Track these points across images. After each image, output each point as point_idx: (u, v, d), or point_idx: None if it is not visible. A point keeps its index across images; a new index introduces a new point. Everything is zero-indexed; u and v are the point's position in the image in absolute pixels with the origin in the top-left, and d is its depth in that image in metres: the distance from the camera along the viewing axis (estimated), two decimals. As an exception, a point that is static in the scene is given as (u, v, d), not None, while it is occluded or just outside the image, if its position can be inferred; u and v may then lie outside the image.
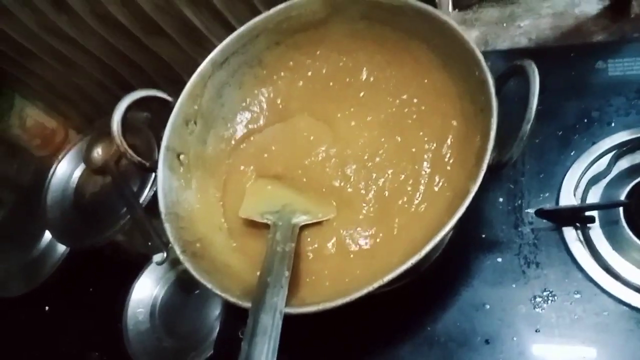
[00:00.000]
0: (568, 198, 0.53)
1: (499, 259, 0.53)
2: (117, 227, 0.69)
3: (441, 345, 0.51)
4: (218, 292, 0.43)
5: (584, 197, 0.53)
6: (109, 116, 0.83)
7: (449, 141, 0.48)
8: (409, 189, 0.49)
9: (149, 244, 0.62)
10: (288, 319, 0.39)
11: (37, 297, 0.80)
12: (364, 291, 0.39)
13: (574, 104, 0.58)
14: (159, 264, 0.60)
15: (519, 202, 0.55)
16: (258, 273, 0.48)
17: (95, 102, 0.89)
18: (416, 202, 0.48)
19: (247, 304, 0.42)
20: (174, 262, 0.72)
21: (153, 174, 0.71)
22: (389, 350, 0.52)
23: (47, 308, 0.82)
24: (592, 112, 0.57)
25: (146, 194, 0.69)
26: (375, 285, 0.39)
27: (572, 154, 0.55)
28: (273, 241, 0.47)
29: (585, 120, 0.57)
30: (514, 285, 0.52)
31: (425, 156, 0.49)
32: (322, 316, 0.40)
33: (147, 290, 0.71)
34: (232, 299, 0.43)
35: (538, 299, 0.50)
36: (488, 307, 0.51)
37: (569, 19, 0.70)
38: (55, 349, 0.79)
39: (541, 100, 0.40)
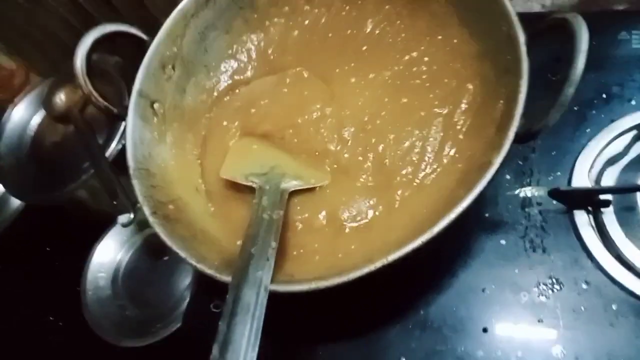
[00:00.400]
0: (581, 179, 0.49)
1: (502, 241, 0.49)
2: (79, 182, 0.61)
3: (435, 331, 0.47)
4: (193, 262, 0.38)
5: (598, 179, 0.49)
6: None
7: (463, 106, 0.43)
8: (414, 158, 0.43)
9: (114, 203, 0.55)
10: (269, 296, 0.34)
11: (-14, 254, 0.72)
12: (364, 270, 0.34)
13: (593, 77, 0.53)
14: (125, 225, 0.54)
15: (528, 180, 0.51)
16: (239, 242, 0.43)
17: (60, 43, 0.79)
18: (422, 173, 0.43)
19: (226, 278, 0.36)
20: (141, 225, 0.65)
21: (122, 126, 0.64)
22: (378, 332, 0.48)
23: (-3, 266, 0.74)
24: (613, 87, 0.52)
25: (113, 147, 0.62)
26: (378, 264, 0.34)
27: (587, 131, 0.51)
28: (259, 207, 0.41)
29: (604, 96, 0.52)
30: (516, 270, 0.47)
31: (435, 122, 0.44)
32: (306, 294, 0.35)
33: (110, 253, 0.64)
34: (209, 271, 0.37)
35: (542, 287, 0.46)
36: (488, 292, 0.47)
37: (588, -13, 0.65)
38: (6, 310, 0.72)
39: (556, 69, 0.35)
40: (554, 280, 0.46)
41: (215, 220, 0.46)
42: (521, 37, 0.36)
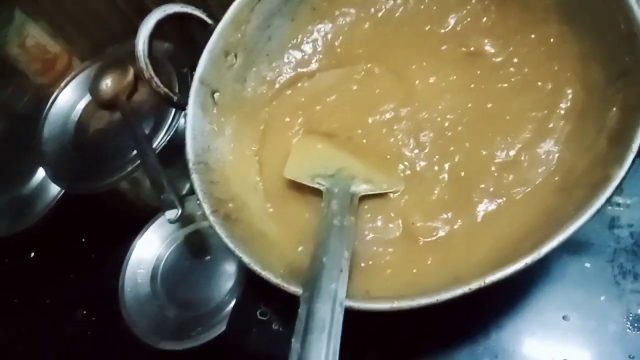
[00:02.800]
0: (680, 200, 0.44)
1: (587, 264, 0.44)
2: (123, 173, 0.59)
3: (507, 358, 0.42)
4: (257, 268, 0.34)
5: (699, 201, 0.44)
6: (122, 43, 0.73)
7: (560, 111, 0.38)
8: (499, 171, 0.39)
9: (161, 197, 0.52)
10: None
11: (23, 240, 0.70)
12: (457, 292, 0.30)
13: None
14: (172, 221, 0.51)
15: (617, 199, 0.46)
16: (300, 248, 0.39)
17: (106, 27, 0.77)
18: (510, 188, 0.38)
19: (295, 289, 0.33)
20: (184, 221, 0.62)
21: (170, 117, 0.61)
22: (443, 356, 0.43)
23: (32, 254, 0.72)
24: None
25: (161, 138, 0.59)
26: (474, 286, 0.30)
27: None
28: (328, 211, 0.37)
29: None
30: (603, 298, 0.43)
31: (526, 130, 0.39)
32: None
33: (150, 249, 0.61)
34: (275, 280, 0.33)
35: (634, 319, 0.41)
36: (570, 320, 0.42)
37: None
38: (37, 299, 0.70)
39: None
40: (647, 312, 0.41)
41: (275, 222, 0.42)
42: (647, 37, 0.32)
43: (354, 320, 0.32)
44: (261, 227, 0.41)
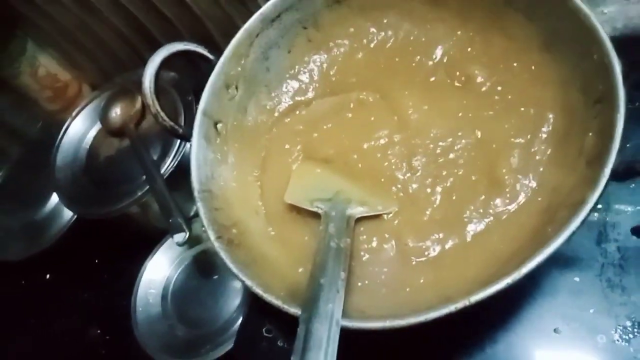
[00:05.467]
0: (664, 215, 0.45)
1: (576, 278, 0.46)
2: (133, 198, 0.61)
3: (501, 372, 0.44)
4: (260, 291, 0.36)
5: (683, 216, 0.45)
6: (130, 72, 0.76)
7: (542, 135, 0.41)
8: (486, 193, 0.41)
9: (170, 221, 0.54)
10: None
11: (38, 263, 0.73)
12: (443, 311, 0.32)
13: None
14: (180, 244, 0.53)
15: (604, 214, 0.48)
16: (301, 269, 0.42)
17: (115, 57, 0.81)
18: (497, 208, 0.40)
19: (294, 310, 0.35)
20: (191, 242, 0.65)
21: (177, 143, 0.64)
22: (440, 370, 0.45)
23: (48, 276, 0.75)
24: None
25: (168, 164, 0.62)
26: (459, 305, 0.32)
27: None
28: (326, 234, 0.39)
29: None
30: (592, 311, 0.44)
31: (511, 153, 0.41)
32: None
33: (160, 270, 0.64)
34: (276, 302, 0.36)
35: (622, 330, 0.43)
36: (560, 332, 0.44)
37: (663, 10, 0.61)
38: (53, 320, 0.73)
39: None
40: (635, 324, 0.43)
41: (276, 244, 0.45)
42: (617, 67, 0.34)
43: (351, 338, 0.34)
44: (263, 250, 0.43)
